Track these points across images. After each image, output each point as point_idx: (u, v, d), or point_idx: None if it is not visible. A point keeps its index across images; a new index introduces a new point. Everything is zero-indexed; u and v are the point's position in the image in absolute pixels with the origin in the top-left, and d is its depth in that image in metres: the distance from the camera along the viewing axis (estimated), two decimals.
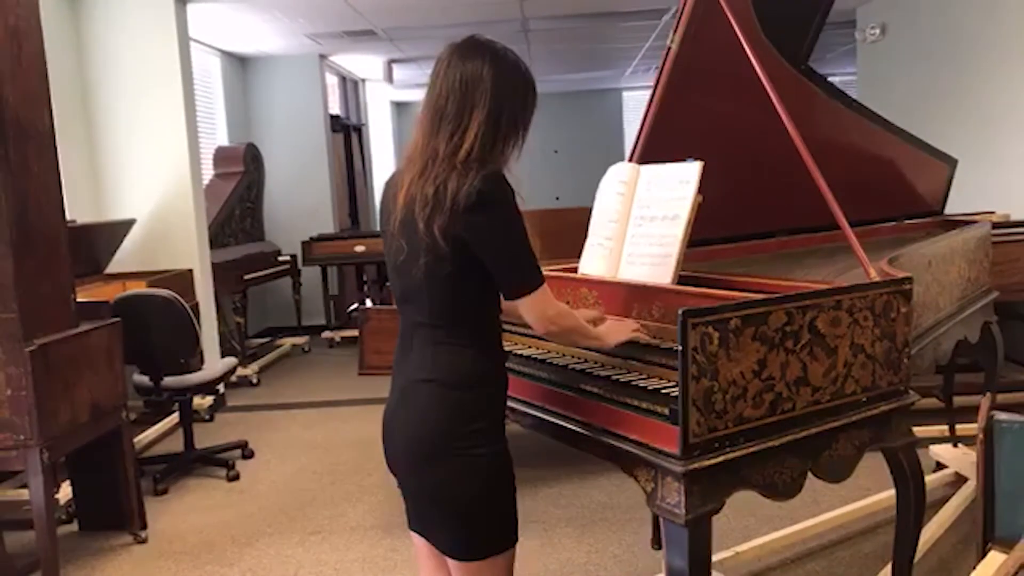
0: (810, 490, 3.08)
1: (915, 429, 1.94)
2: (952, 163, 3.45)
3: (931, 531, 2.87)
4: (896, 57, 6.54)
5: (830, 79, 2.78)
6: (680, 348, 1.51)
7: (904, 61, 6.41)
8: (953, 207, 3.65)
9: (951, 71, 5.75)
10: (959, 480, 3.30)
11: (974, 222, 3.18)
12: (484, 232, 1.51)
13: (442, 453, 1.59)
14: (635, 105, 12.62)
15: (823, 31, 2.64)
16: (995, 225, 3.56)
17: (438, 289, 1.57)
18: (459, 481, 1.59)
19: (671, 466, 1.53)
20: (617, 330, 1.82)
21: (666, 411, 1.57)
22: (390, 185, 1.67)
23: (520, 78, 1.61)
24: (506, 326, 2.13)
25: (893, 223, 3.29)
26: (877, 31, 6.66)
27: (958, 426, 3.56)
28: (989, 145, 5.32)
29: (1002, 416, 1.79)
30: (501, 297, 1.64)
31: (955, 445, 3.46)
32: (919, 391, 1.91)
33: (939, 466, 3.47)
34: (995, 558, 1.70)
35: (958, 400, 3.66)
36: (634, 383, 1.71)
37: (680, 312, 1.51)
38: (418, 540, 1.79)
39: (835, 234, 2.02)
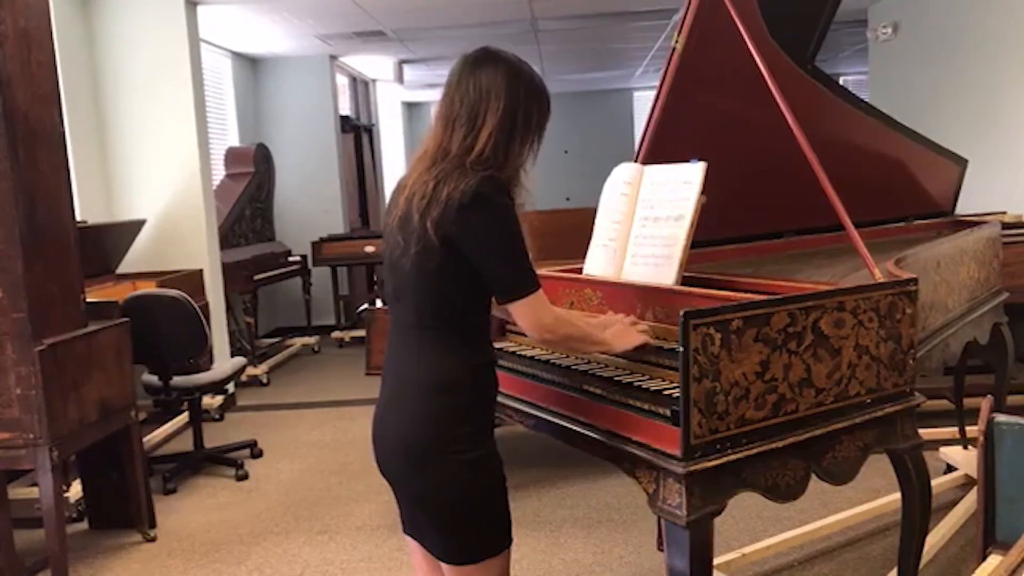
0: (818, 492, 3.09)
1: (925, 431, 1.91)
2: (962, 163, 3.42)
3: (940, 533, 2.85)
4: (908, 56, 6.50)
5: (842, 79, 2.78)
6: (681, 349, 1.51)
7: (916, 60, 6.36)
8: (965, 207, 3.62)
9: (963, 70, 5.70)
10: (970, 482, 3.26)
11: (985, 222, 3.15)
12: (474, 232, 1.51)
13: (430, 457, 1.58)
14: (646, 105, 12.54)
15: (834, 30, 2.63)
16: (1007, 225, 3.53)
17: (425, 285, 1.56)
18: (447, 485, 1.58)
19: (672, 467, 1.53)
20: (625, 335, 1.78)
21: (667, 412, 1.57)
22: (397, 187, 1.67)
23: (534, 84, 1.61)
24: (511, 327, 2.14)
25: (903, 223, 3.27)
26: (889, 30, 6.62)
27: (969, 428, 3.52)
28: (1002, 144, 5.28)
29: (1002, 418, 1.77)
30: (495, 301, 1.62)
31: (965, 447, 3.44)
32: (929, 392, 1.89)
33: (949, 468, 3.44)
34: (995, 562, 1.68)
35: (969, 402, 3.63)
36: (636, 384, 1.71)
37: (681, 313, 1.51)
38: (412, 543, 1.79)
39: (844, 234, 2.01)
